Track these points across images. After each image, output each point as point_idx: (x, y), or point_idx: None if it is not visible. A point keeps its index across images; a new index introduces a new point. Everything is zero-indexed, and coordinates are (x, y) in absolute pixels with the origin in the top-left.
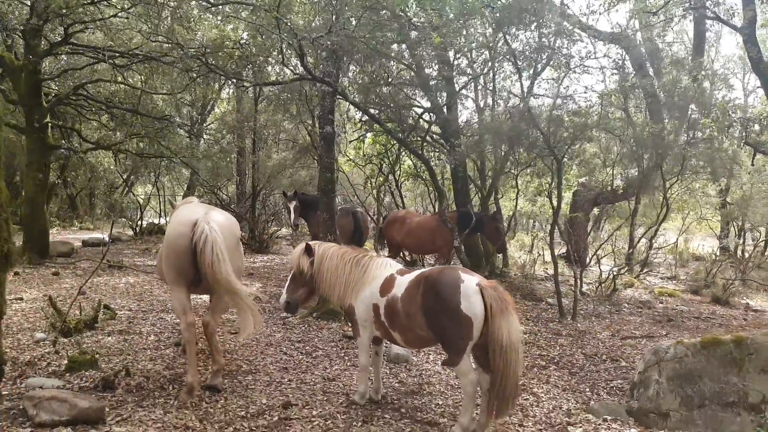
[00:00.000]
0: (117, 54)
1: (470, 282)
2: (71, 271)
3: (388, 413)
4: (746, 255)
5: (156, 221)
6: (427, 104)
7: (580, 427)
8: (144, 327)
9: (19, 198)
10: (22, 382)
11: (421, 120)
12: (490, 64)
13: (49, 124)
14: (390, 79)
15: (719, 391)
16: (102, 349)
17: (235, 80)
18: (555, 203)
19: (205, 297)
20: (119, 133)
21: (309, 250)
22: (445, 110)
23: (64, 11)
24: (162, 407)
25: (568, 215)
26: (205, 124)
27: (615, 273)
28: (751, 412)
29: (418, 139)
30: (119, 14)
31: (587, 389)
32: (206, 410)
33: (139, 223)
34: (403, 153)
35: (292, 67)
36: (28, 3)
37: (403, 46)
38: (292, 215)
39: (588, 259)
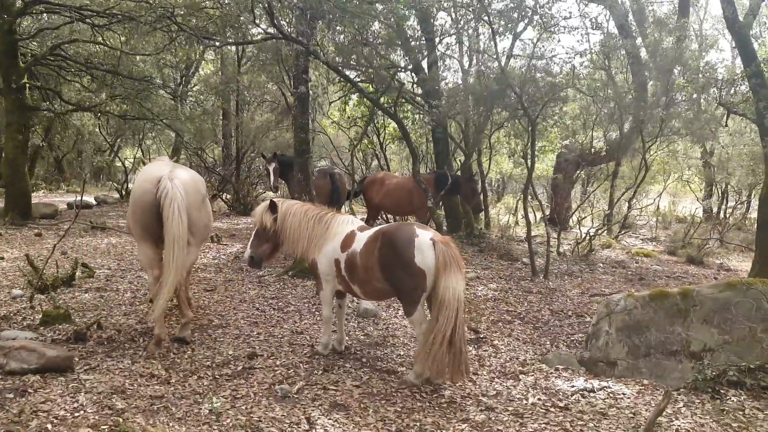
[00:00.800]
0: (94, 13)
1: (424, 237)
2: (54, 232)
3: (350, 363)
4: (727, 217)
5: None
6: (407, 67)
7: (532, 375)
8: (121, 285)
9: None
10: None
11: (395, 80)
12: (473, 23)
13: (27, 85)
14: (364, 39)
15: (664, 341)
16: (78, 305)
17: (203, 39)
18: (530, 164)
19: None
20: (103, 95)
21: (273, 207)
22: (426, 70)
23: None
24: (130, 357)
25: (551, 177)
26: (189, 86)
27: (591, 234)
28: (692, 359)
29: (403, 100)
30: None
31: (548, 342)
32: (173, 360)
33: (125, 185)
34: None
35: (264, 27)
36: None
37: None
38: (272, 177)
39: (570, 221)
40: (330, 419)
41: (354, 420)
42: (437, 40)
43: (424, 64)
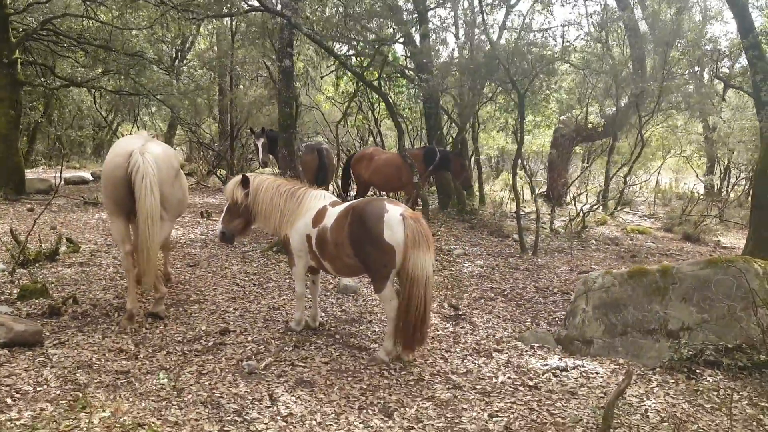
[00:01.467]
0: None
1: (394, 212)
2: (47, 207)
3: (322, 339)
4: (728, 193)
5: None
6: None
7: (506, 353)
8: (105, 260)
9: None
10: None
11: (380, 53)
12: None
13: (19, 60)
14: (350, 11)
15: (642, 319)
16: (58, 280)
17: (183, 11)
18: (519, 139)
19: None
20: (99, 70)
21: (245, 182)
22: (417, 42)
23: None
24: (102, 332)
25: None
26: (184, 62)
27: (585, 210)
28: (669, 338)
29: (397, 74)
30: None
31: (529, 320)
32: (144, 335)
33: None
34: (385, 90)
35: None
36: None
37: None
38: (260, 152)
39: (566, 197)
40: (293, 396)
41: (317, 397)
42: (430, 12)
43: (417, 38)
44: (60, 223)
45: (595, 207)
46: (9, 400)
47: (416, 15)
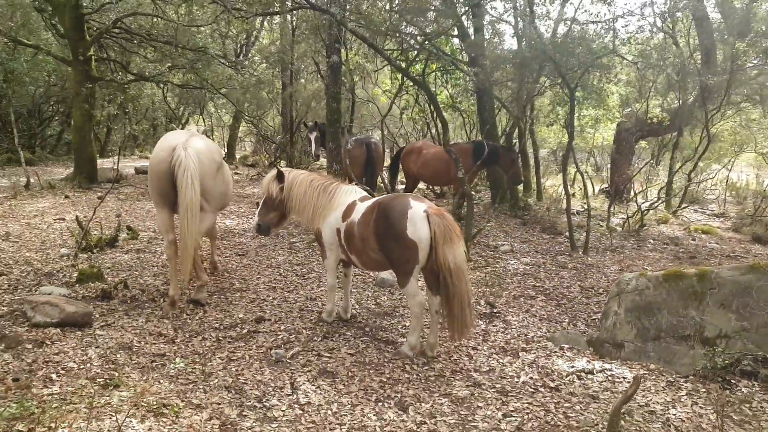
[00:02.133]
0: None
1: (418, 209)
2: (115, 195)
3: (351, 331)
4: None
5: None
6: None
7: (534, 353)
8: (159, 247)
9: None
10: (36, 290)
11: (424, 47)
12: None
13: (93, 57)
14: (396, 7)
15: (676, 324)
16: (115, 265)
17: (232, 10)
18: (569, 134)
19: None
20: (167, 65)
21: (280, 177)
22: (472, 35)
23: None
24: (146, 317)
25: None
26: (248, 56)
27: (645, 208)
28: (704, 345)
29: (452, 67)
30: None
31: (566, 320)
32: (184, 321)
33: None
34: (442, 83)
35: None
36: None
37: None
38: (313, 145)
39: (629, 193)
40: (314, 385)
41: (337, 388)
42: (486, 4)
43: (471, 31)
44: (125, 211)
45: (656, 204)
46: (54, 376)
47: (470, 8)
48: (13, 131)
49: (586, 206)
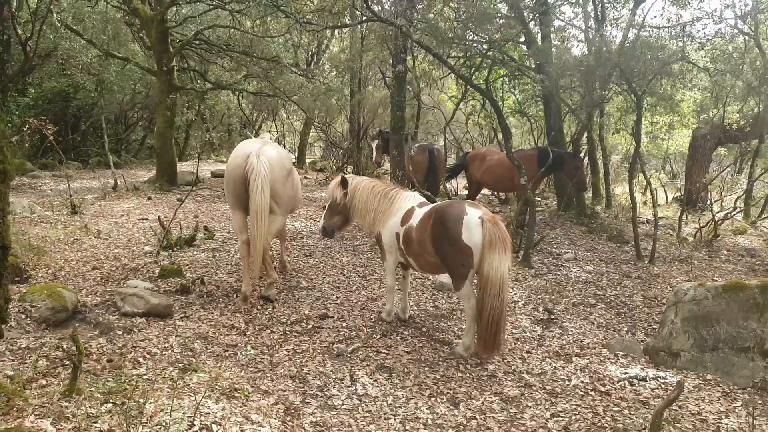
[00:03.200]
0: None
1: (473, 215)
2: (192, 198)
3: (409, 330)
4: None
5: None
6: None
7: (587, 359)
8: (234, 247)
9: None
10: (125, 283)
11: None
12: None
13: (175, 68)
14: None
15: (735, 336)
16: (193, 263)
17: (303, 24)
18: (636, 141)
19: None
20: (242, 74)
21: (344, 183)
22: (539, 41)
23: None
24: (220, 310)
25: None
26: (319, 65)
27: (720, 218)
28: (765, 358)
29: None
30: None
31: (625, 328)
32: (255, 315)
33: None
34: (508, 89)
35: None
36: None
37: None
38: (375, 153)
39: (705, 202)
40: (372, 379)
41: (393, 382)
42: (554, 10)
43: (539, 37)
44: (202, 213)
45: (733, 214)
46: (141, 359)
47: (539, 15)
48: (104, 136)
49: (666, 215)
